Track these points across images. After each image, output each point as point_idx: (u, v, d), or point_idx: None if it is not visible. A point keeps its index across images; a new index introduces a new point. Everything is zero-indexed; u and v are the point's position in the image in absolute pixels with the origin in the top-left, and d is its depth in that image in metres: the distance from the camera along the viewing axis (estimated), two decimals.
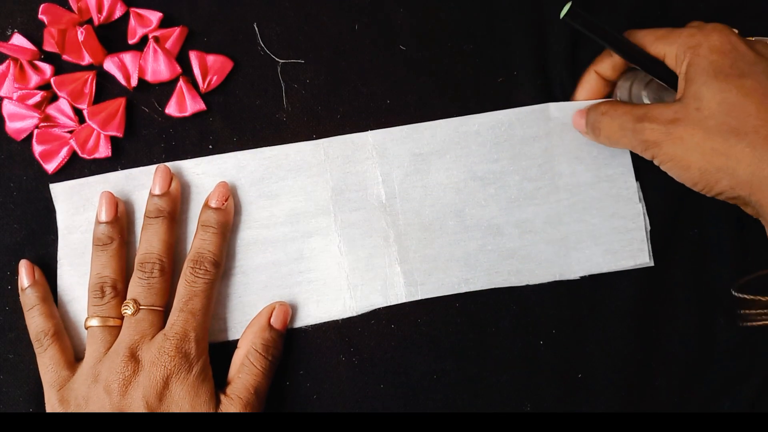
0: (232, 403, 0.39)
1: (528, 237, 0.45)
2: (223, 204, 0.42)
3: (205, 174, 0.44)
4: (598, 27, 0.40)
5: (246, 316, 0.43)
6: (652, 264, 0.45)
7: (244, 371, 0.40)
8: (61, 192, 0.44)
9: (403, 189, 0.45)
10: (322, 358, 0.44)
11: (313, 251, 0.44)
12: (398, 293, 0.44)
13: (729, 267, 0.45)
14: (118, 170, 0.44)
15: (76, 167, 0.45)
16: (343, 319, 0.44)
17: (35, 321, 0.40)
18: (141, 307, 0.39)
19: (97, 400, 0.38)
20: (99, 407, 0.38)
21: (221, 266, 0.42)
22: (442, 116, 0.45)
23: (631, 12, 0.47)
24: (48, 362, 0.39)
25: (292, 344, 0.44)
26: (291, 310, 0.43)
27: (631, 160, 0.46)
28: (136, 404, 0.37)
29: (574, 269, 0.45)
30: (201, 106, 0.45)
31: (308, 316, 0.44)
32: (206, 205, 0.42)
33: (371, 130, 0.45)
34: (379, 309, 0.44)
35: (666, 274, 0.45)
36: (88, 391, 0.38)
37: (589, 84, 0.45)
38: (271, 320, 0.42)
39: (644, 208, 0.45)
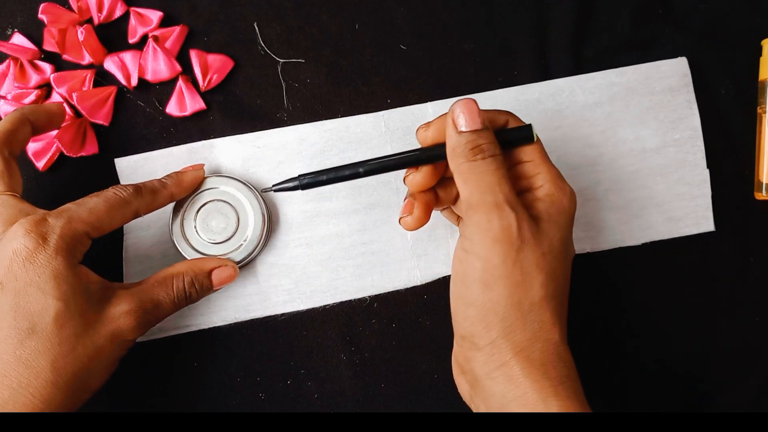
0: (126, 301, 0.37)
1: (589, 204, 0.45)
2: (182, 183, 0.41)
3: (266, 146, 0.45)
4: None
5: (310, 287, 0.44)
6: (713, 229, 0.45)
7: (164, 288, 0.39)
8: (126, 166, 0.44)
9: None
10: (323, 357, 0.44)
11: (375, 223, 0.44)
12: None
13: (729, 264, 0.45)
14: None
15: (68, 164, 0.45)
16: (344, 318, 0.44)
17: None
18: None
19: None
20: None
21: (139, 198, 0.39)
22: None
23: (634, 12, 0.47)
24: None
25: (293, 343, 0.44)
26: (235, 274, 0.42)
27: (700, 123, 0.45)
28: None
29: (635, 237, 0.44)
30: (201, 105, 0.45)
31: (372, 287, 0.44)
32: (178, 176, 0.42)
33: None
34: (380, 308, 0.44)
35: (666, 274, 0.45)
36: None
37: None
38: (214, 272, 0.41)
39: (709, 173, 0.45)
